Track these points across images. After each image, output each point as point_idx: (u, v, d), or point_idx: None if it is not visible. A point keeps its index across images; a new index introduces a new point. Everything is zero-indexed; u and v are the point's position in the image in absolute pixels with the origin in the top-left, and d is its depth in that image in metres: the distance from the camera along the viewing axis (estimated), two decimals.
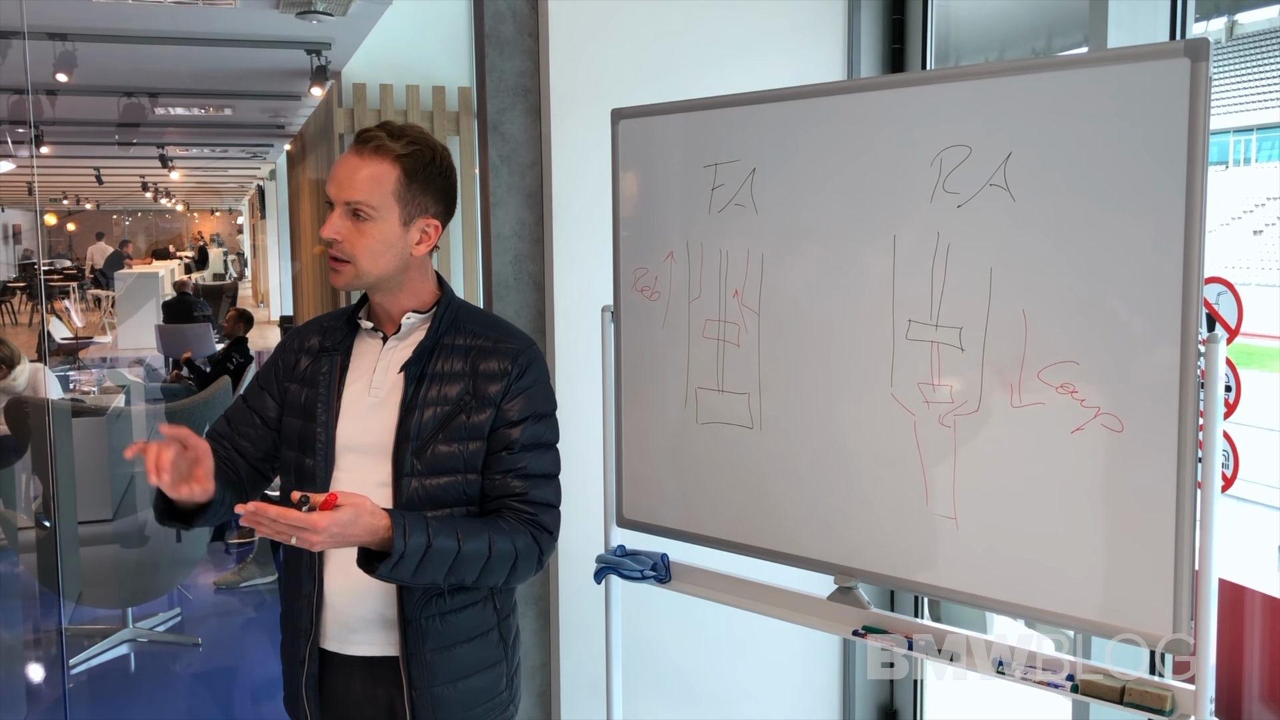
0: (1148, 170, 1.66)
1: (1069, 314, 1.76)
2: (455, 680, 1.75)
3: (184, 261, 20.05)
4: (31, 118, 5.13)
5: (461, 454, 1.72)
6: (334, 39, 5.57)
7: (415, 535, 1.60)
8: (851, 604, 2.13)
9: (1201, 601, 1.67)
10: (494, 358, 1.74)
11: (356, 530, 1.57)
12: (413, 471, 1.71)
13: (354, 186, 1.67)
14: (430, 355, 1.74)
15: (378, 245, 1.69)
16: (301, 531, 1.53)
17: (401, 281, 1.75)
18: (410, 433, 1.71)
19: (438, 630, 1.73)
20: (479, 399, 1.72)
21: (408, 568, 1.61)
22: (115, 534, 4.54)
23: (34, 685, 4.18)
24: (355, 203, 1.67)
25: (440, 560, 1.63)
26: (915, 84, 1.97)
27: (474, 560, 1.66)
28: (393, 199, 1.68)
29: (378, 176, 1.67)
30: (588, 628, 2.90)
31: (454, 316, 1.78)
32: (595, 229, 2.71)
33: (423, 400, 1.72)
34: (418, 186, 1.70)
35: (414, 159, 1.69)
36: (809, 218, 2.11)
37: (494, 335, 1.78)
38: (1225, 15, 4.17)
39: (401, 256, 1.72)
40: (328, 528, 1.54)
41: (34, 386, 4.92)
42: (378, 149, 1.68)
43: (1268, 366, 5.50)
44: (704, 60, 2.88)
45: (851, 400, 2.05)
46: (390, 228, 1.69)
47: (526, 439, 1.74)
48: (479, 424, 1.72)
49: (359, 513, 1.57)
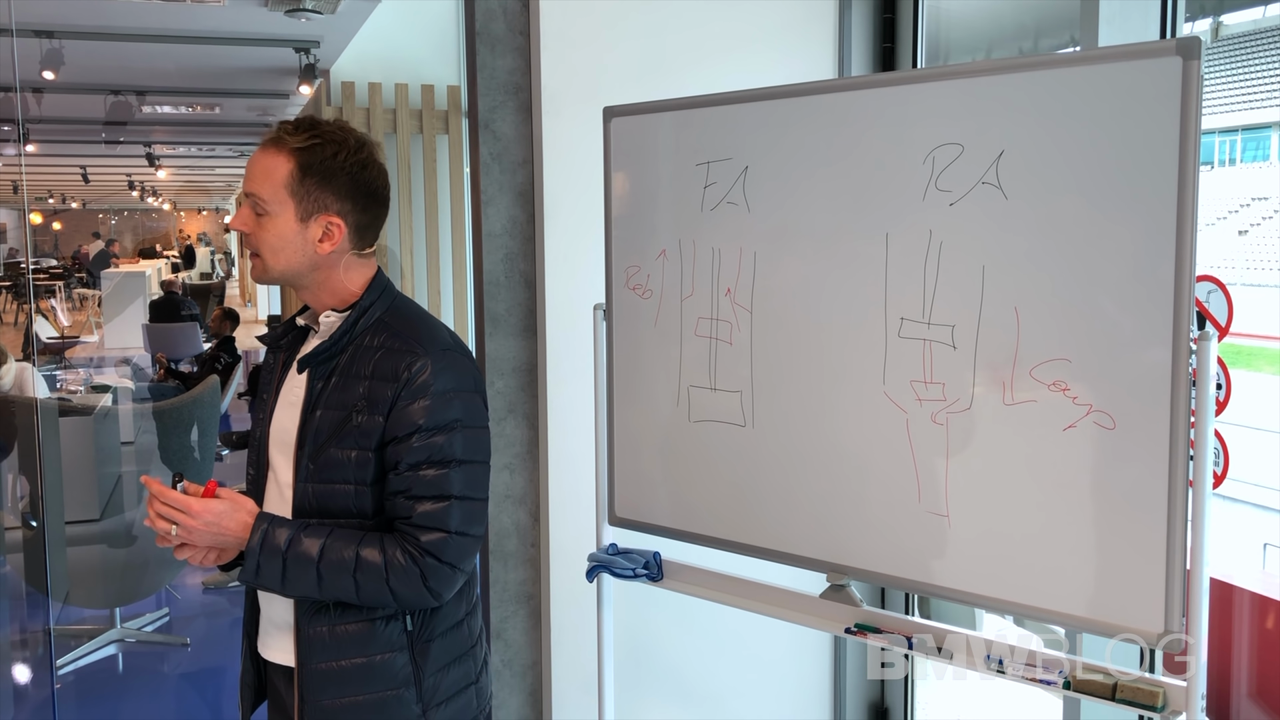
0: (1139, 168, 1.67)
1: (1061, 312, 1.77)
2: (343, 697, 1.66)
3: (171, 261, 19.95)
4: (18, 115, 5.09)
5: (349, 461, 1.63)
6: (323, 37, 5.56)
7: (274, 537, 1.59)
8: (843, 602, 2.13)
9: (1193, 598, 1.68)
10: (393, 360, 1.63)
11: (232, 525, 1.59)
12: (307, 475, 1.65)
13: (251, 179, 1.65)
14: (341, 354, 1.68)
15: (275, 240, 1.65)
16: (177, 514, 1.56)
17: (316, 279, 1.70)
18: (309, 434, 1.66)
19: (324, 643, 1.66)
20: (371, 403, 1.62)
21: (270, 575, 1.60)
22: (103, 534, 4.52)
23: (21, 686, 4.16)
24: (250, 195, 1.65)
25: (302, 570, 1.59)
26: (907, 82, 1.98)
27: (338, 573, 1.59)
28: (286, 193, 1.63)
29: (270, 170, 1.64)
30: (579, 626, 2.90)
31: (376, 316, 1.69)
32: (587, 227, 2.71)
33: (324, 402, 1.66)
34: (313, 181, 1.64)
35: (310, 153, 1.63)
36: (801, 216, 2.11)
37: (406, 338, 1.66)
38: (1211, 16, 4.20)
39: (304, 253, 1.67)
40: (201, 513, 1.57)
41: (20, 386, 4.89)
42: (275, 142, 1.65)
43: (1254, 366, 5.54)
44: (696, 58, 2.88)
45: (844, 398, 2.06)
46: (286, 223, 1.64)
47: (415, 457, 1.61)
48: (368, 430, 1.62)
49: (236, 508, 1.59)
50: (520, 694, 3.01)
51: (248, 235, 1.66)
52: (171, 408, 4.73)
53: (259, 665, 1.83)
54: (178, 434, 4.66)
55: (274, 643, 1.76)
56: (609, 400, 2.47)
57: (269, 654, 1.78)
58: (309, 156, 1.63)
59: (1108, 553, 1.76)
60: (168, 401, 4.88)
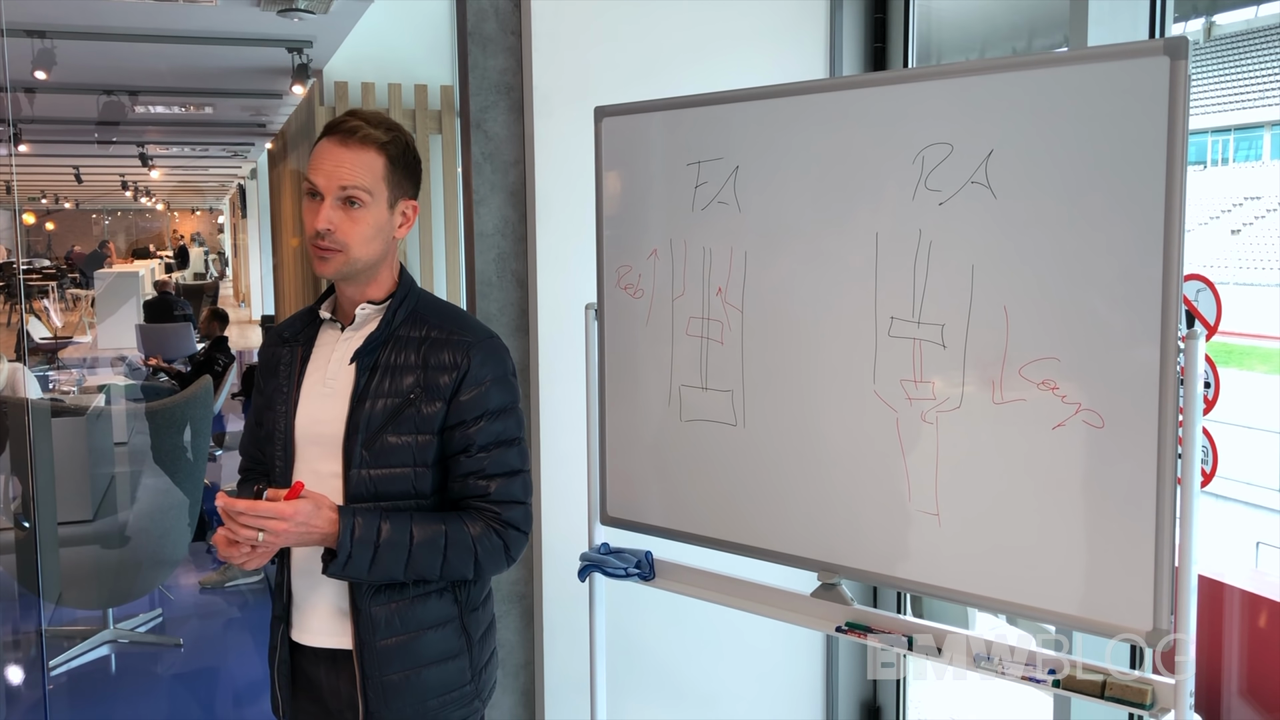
0: (1128, 168, 1.68)
1: (1050, 311, 1.77)
2: (408, 670, 1.74)
3: (164, 261, 19.92)
4: (10, 115, 5.09)
5: (410, 446, 1.72)
6: (315, 37, 5.55)
7: (365, 531, 1.64)
8: (835, 600, 2.14)
9: (1182, 596, 1.68)
10: (445, 350, 1.74)
11: (320, 522, 1.63)
12: (361, 463, 1.72)
13: (348, 174, 1.69)
14: (383, 346, 1.76)
15: (370, 230, 1.72)
16: (269, 521, 1.58)
17: (380, 268, 1.78)
18: (360, 424, 1.72)
19: (388, 620, 1.73)
20: (429, 391, 1.72)
21: (360, 565, 1.65)
22: (95, 534, 4.50)
23: (13, 687, 4.14)
24: (350, 189, 1.69)
25: (394, 555, 1.66)
26: (897, 82, 1.98)
27: (430, 553, 1.68)
28: (383, 184, 1.73)
29: (369, 164, 1.71)
30: (572, 626, 2.90)
31: (411, 308, 1.79)
32: (578, 227, 2.71)
33: (373, 391, 1.73)
34: (400, 171, 1.75)
35: (395, 145, 1.74)
36: (791, 215, 2.11)
37: (449, 327, 1.77)
38: (1203, 16, 4.20)
39: (387, 240, 1.77)
40: (293, 516, 1.60)
41: (13, 386, 4.88)
42: (364, 138, 1.71)
43: (1246, 365, 5.55)
44: (687, 58, 2.88)
45: (834, 397, 2.06)
46: (381, 213, 1.73)
47: (485, 439, 1.74)
48: (429, 416, 1.72)
49: (318, 505, 1.63)
50: (513, 694, 3.01)
51: (332, 231, 1.70)
52: (164, 408, 4.72)
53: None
54: (170, 434, 4.65)
55: (319, 626, 1.79)
56: (600, 400, 2.48)
57: (310, 639, 1.80)
58: (395, 149, 1.74)
59: (1097, 551, 1.77)
60: (160, 402, 4.87)
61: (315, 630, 1.79)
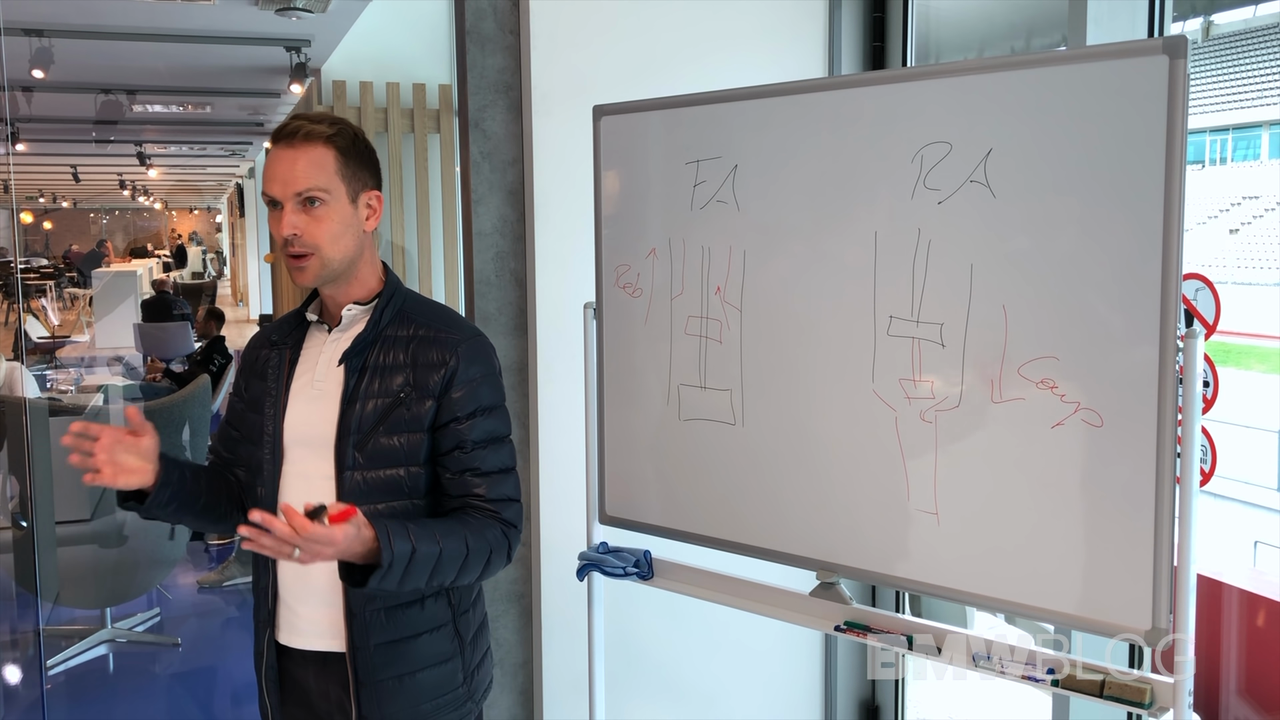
0: (1127, 166, 1.67)
1: (1049, 310, 1.77)
2: (402, 674, 1.74)
3: (162, 260, 19.91)
4: (7, 114, 5.08)
5: (403, 446, 1.72)
6: (314, 36, 5.55)
7: (399, 543, 1.59)
8: (833, 599, 2.13)
9: (1180, 595, 1.68)
10: (434, 348, 1.74)
11: (358, 545, 1.56)
12: (354, 464, 1.71)
13: (301, 177, 1.68)
14: (371, 347, 1.75)
15: (337, 227, 1.70)
16: (317, 545, 1.49)
17: (357, 267, 1.76)
18: (351, 426, 1.71)
19: (382, 624, 1.72)
20: (419, 390, 1.72)
21: (395, 576, 1.60)
22: (93, 534, 4.50)
23: (11, 686, 4.14)
24: (307, 191, 1.68)
25: (424, 565, 1.63)
26: (896, 81, 1.98)
27: (453, 561, 1.67)
28: (338, 179, 1.70)
29: (320, 160, 1.69)
30: (570, 625, 2.90)
31: (398, 307, 1.78)
32: (577, 226, 2.71)
33: (363, 393, 1.72)
34: (354, 162, 1.73)
35: (342, 136, 1.72)
36: (790, 214, 2.11)
37: (436, 326, 1.76)
38: (1202, 16, 4.20)
39: (358, 236, 1.74)
40: (340, 541, 1.52)
41: (10, 385, 4.88)
42: (309, 135, 1.69)
43: (1245, 364, 5.55)
44: (686, 57, 2.88)
45: (833, 396, 2.06)
46: (343, 208, 1.71)
47: (478, 435, 1.73)
48: (419, 416, 1.72)
49: (359, 528, 1.56)
50: (511, 693, 3.01)
51: (299, 235, 1.68)
52: (162, 407, 4.71)
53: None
54: (168, 434, 4.64)
55: (309, 629, 1.77)
56: (599, 399, 2.47)
57: (298, 641, 1.78)
58: (342, 140, 1.71)
59: (1095, 550, 1.77)
60: (158, 401, 4.86)
61: (305, 633, 1.78)
